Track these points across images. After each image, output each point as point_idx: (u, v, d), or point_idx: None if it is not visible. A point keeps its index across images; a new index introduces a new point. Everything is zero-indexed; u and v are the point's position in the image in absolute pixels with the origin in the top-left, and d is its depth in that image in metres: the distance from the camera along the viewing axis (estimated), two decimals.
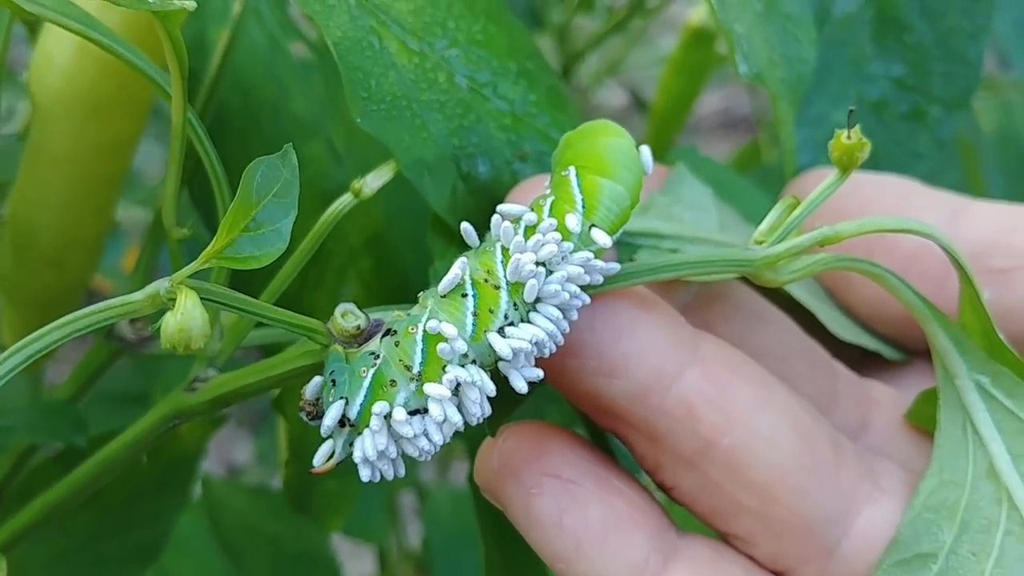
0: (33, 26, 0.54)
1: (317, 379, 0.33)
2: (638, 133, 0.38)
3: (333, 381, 0.32)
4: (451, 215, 0.39)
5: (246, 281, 0.36)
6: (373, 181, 0.38)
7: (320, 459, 0.32)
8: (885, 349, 0.42)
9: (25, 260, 0.49)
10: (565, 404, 0.52)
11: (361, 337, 0.33)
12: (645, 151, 0.35)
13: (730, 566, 0.35)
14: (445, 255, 0.40)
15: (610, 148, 0.34)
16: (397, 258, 0.53)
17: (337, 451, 0.32)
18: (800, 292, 0.42)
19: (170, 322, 0.27)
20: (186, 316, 0.27)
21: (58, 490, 0.44)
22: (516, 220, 0.33)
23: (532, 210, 0.33)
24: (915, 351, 0.42)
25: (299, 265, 0.38)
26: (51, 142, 0.45)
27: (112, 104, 0.45)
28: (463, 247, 0.39)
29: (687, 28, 0.85)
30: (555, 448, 0.36)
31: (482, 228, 0.35)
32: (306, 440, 0.52)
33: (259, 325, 0.41)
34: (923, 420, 0.38)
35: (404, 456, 0.32)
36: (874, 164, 0.39)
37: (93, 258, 0.51)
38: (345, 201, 0.38)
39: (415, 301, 0.48)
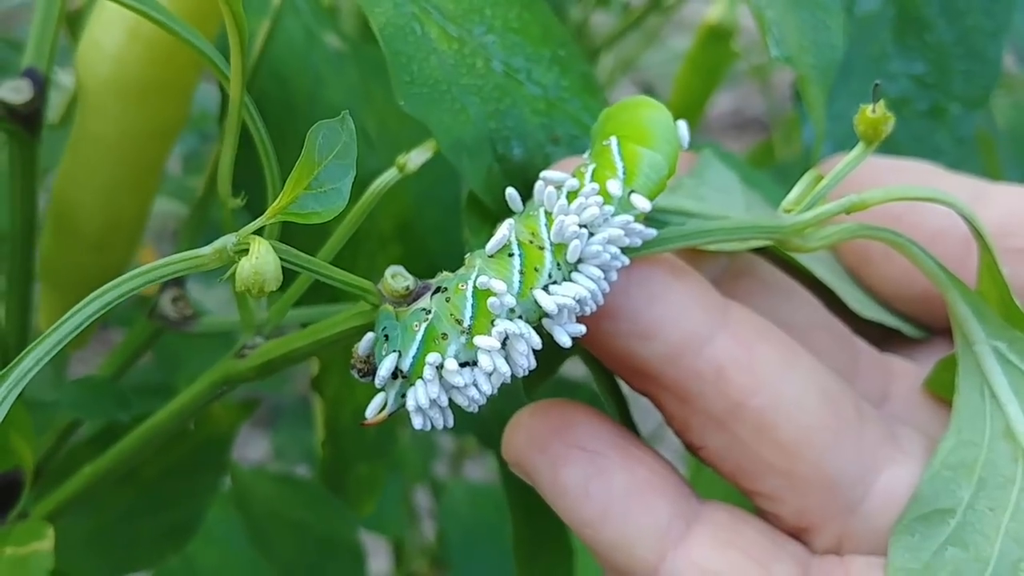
0: (72, 22, 0.56)
1: (369, 335, 0.34)
2: None
3: (386, 336, 0.33)
4: (487, 195, 0.41)
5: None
6: (417, 157, 0.40)
7: (373, 411, 0.34)
8: (904, 326, 0.44)
9: (67, 243, 0.51)
10: (580, 396, 0.55)
11: (409, 297, 0.35)
12: (682, 125, 0.37)
13: (749, 529, 0.37)
14: (480, 232, 0.41)
15: (651, 120, 0.36)
16: (425, 245, 0.55)
17: (389, 402, 0.33)
18: (822, 271, 0.44)
19: (245, 266, 0.29)
20: (261, 260, 0.29)
21: (105, 459, 0.46)
22: (559, 186, 0.35)
23: (573, 177, 0.35)
24: (933, 329, 0.44)
25: (346, 236, 0.39)
26: (99, 126, 0.47)
27: (159, 89, 0.47)
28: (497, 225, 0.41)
29: (704, 26, 0.87)
30: (579, 421, 0.37)
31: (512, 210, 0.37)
32: (341, 420, 0.53)
33: (296, 304, 0.42)
34: (941, 387, 0.40)
35: (452, 406, 0.33)
36: None
37: (133, 242, 0.52)
38: (390, 175, 0.40)
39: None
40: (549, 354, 0.35)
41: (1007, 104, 0.83)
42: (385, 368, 0.33)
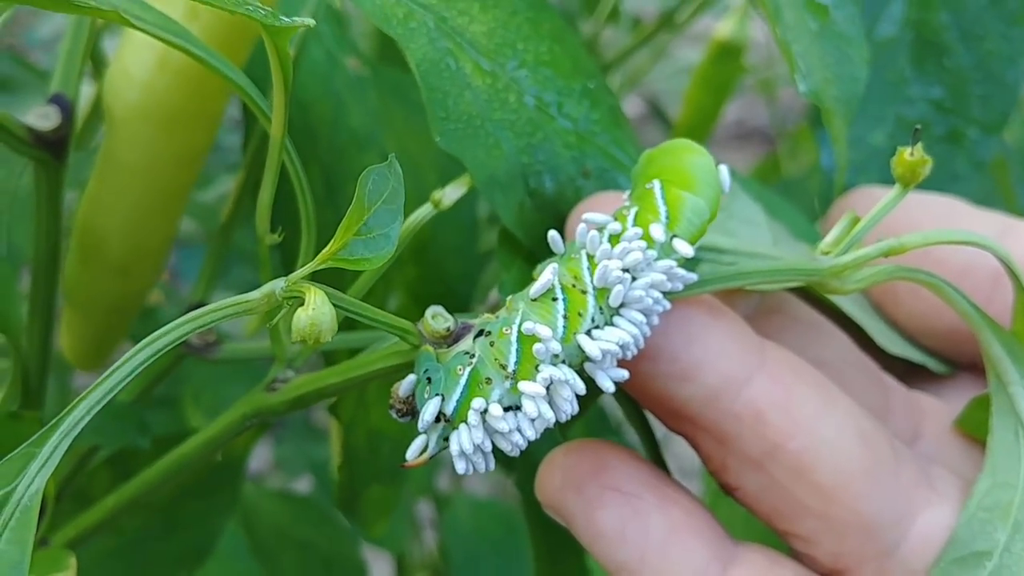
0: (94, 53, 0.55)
1: (410, 377, 0.34)
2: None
3: (428, 379, 0.33)
4: (519, 229, 0.41)
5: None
6: (452, 193, 0.40)
7: (414, 453, 0.34)
8: (931, 362, 0.44)
9: (92, 266, 0.51)
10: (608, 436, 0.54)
11: (450, 339, 0.35)
12: (724, 170, 0.37)
13: (785, 572, 0.37)
14: (511, 267, 0.41)
15: (694, 165, 0.37)
16: (442, 268, 0.55)
17: (431, 445, 0.33)
18: (850, 306, 0.44)
19: (302, 317, 0.29)
20: (317, 311, 0.29)
21: (128, 489, 0.46)
22: (601, 228, 0.35)
23: (615, 220, 0.35)
24: (959, 364, 0.44)
25: (379, 273, 0.39)
26: (127, 153, 0.47)
27: (186, 117, 0.47)
28: (529, 260, 0.41)
29: (714, 42, 0.87)
30: (614, 463, 0.37)
31: (544, 242, 0.37)
32: (355, 444, 0.53)
33: None
34: (973, 426, 0.40)
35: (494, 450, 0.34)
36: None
37: (158, 267, 0.52)
38: (425, 211, 0.40)
39: (460, 307, 0.50)
40: (587, 393, 0.35)
41: (1017, 122, 0.83)
42: (429, 412, 0.33)
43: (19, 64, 0.74)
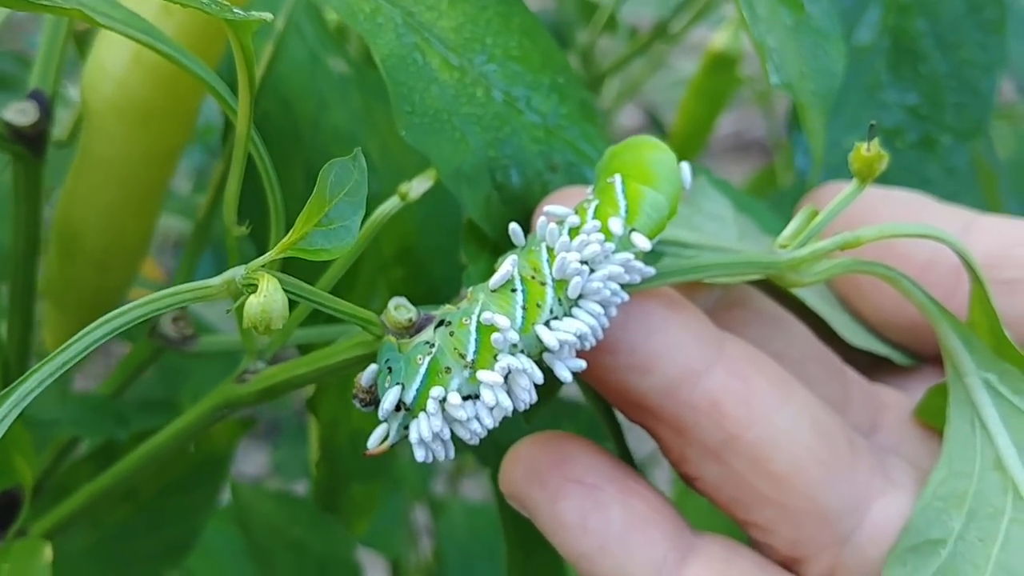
0: (80, 39, 0.56)
1: (372, 367, 0.35)
2: None
3: (389, 368, 0.34)
4: (485, 223, 0.42)
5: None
6: (419, 186, 0.40)
7: (374, 442, 0.34)
8: (894, 354, 0.45)
9: (71, 263, 0.51)
10: (580, 418, 0.55)
11: (412, 329, 0.35)
12: (685, 167, 0.38)
13: (743, 561, 0.38)
14: (478, 260, 0.42)
15: (655, 160, 0.37)
16: (426, 268, 0.55)
17: (392, 434, 0.34)
18: (813, 299, 0.44)
19: (253, 303, 0.30)
20: (268, 298, 0.30)
21: (104, 479, 0.46)
22: (560, 221, 0.36)
23: (576, 213, 0.36)
24: (922, 356, 0.45)
25: (347, 264, 0.40)
26: (103, 148, 0.48)
27: (162, 113, 0.47)
28: (495, 253, 0.42)
29: (709, 53, 0.88)
30: (576, 455, 0.38)
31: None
32: (337, 442, 0.54)
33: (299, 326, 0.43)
34: (931, 415, 0.40)
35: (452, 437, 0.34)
36: None
37: (136, 262, 0.53)
38: (392, 204, 0.40)
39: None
40: (547, 383, 0.35)
41: (1009, 134, 0.84)
42: (389, 401, 0.33)
43: (20, 63, 0.74)
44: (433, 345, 0.34)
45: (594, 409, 0.42)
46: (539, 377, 0.34)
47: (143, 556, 0.58)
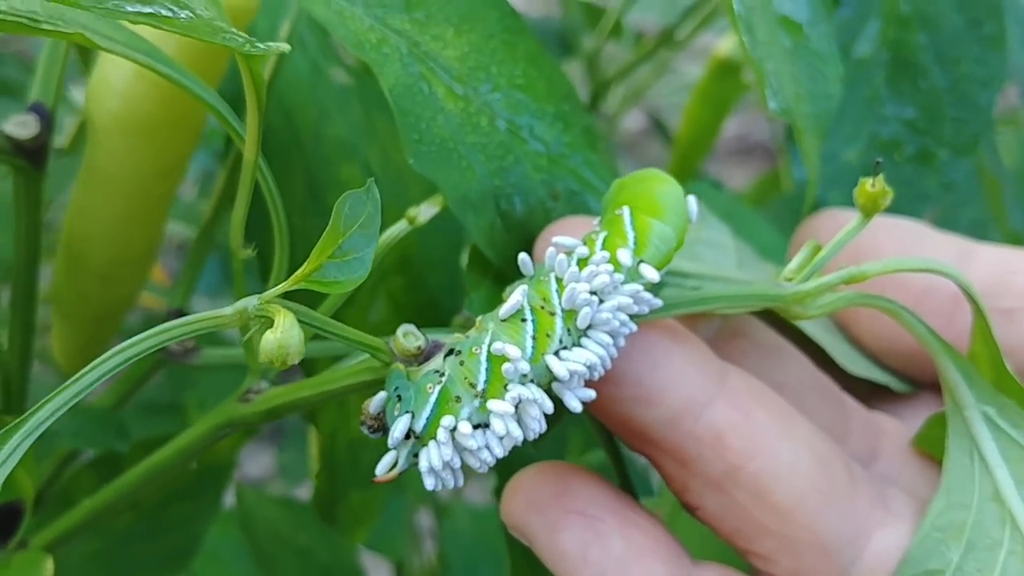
0: (84, 50, 0.56)
1: (381, 394, 0.35)
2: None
3: (398, 396, 0.34)
4: (489, 249, 0.42)
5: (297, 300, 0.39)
6: (427, 211, 0.41)
7: (383, 469, 0.34)
8: (893, 382, 0.45)
9: (77, 275, 0.51)
10: (587, 427, 0.55)
11: (421, 357, 0.35)
12: (692, 201, 0.38)
13: None
14: (479, 287, 0.42)
15: (663, 193, 0.37)
16: (426, 278, 0.55)
17: (400, 462, 0.34)
18: (813, 328, 0.45)
19: (270, 339, 0.30)
20: (285, 334, 0.30)
21: (105, 493, 0.46)
22: (569, 252, 0.36)
23: (584, 244, 0.36)
24: (920, 383, 0.45)
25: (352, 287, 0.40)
26: (107, 162, 0.48)
27: (166, 126, 0.47)
28: (497, 279, 0.42)
29: (714, 59, 0.88)
30: (577, 486, 0.38)
31: (513, 262, 0.38)
32: (336, 452, 0.54)
33: None
34: (930, 444, 0.41)
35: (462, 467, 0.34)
36: None
37: (143, 274, 0.53)
38: (399, 228, 0.41)
39: (443, 319, 0.51)
40: (555, 411, 0.36)
41: (1013, 140, 0.84)
42: (399, 430, 0.33)
43: (23, 67, 0.74)
44: (443, 374, 0.34)
45: (599, 441, 0.42)
46: (549, 407, 0.34)
47: (145, 563, 0.58)
